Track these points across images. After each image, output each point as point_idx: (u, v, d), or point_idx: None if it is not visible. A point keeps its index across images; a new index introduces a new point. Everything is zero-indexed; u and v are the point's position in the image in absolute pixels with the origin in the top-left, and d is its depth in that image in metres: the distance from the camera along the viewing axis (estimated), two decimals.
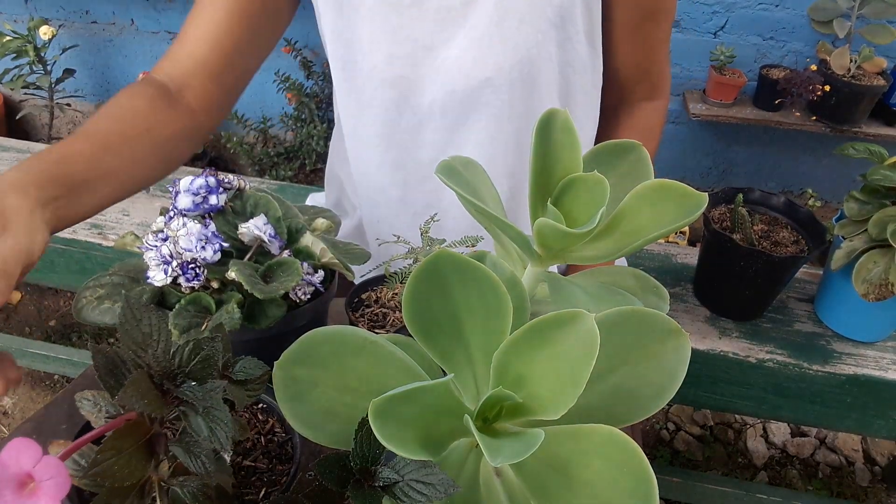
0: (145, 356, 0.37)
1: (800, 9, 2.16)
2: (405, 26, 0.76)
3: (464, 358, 0.41)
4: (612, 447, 0.36)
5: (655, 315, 0.41)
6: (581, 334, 0.35)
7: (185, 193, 0.57)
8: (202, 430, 0.35)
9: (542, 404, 0.37)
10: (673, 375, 0.41)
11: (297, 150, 2.67)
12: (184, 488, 0.38)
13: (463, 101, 0.80)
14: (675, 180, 0.46)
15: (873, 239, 0.85)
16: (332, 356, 0.42)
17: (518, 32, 0.75)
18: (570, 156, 0.48)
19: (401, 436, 0.34)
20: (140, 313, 0.38)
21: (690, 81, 2.36)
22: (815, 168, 2.49)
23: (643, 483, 0.35)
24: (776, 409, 1.00)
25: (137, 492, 0.37)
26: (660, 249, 1.16)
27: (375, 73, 0.79)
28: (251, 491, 0.50)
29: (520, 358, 0.37)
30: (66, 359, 1.67)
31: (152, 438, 0.37)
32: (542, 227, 0.44)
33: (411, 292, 0.40)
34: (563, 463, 0.37)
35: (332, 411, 0.41)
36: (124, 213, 1.14)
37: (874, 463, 1.77)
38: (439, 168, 0.48)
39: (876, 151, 0.89)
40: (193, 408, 0.36)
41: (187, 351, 0.37)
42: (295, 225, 0.62)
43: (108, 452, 0.35)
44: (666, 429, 1.83)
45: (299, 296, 0.60)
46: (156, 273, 0.54)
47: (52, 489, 0.32)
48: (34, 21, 2.36)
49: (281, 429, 0.55)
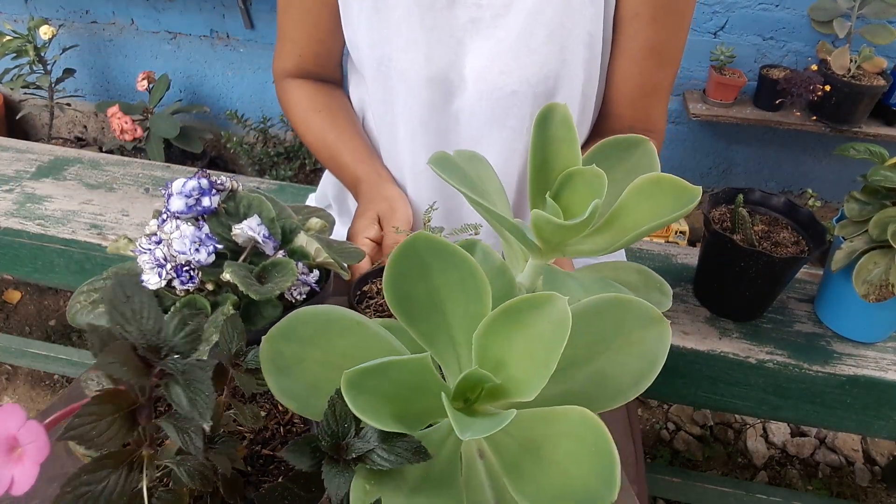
0: (132, 330, 0.36)
1: (800, 9, 2.16)
2: (438, 27, 0.78)
3: (447, 340, 0.42)
4: (582, 429, 0.37)
5: (638, 302, 0.42)
6: (554, 316, 0.36)
7: (177, 196, 0.57)
8: (182, 401, 0.35)
9: (517, 386, 0.37)
10: (653, 361, 0.41)
11: (297, 150, 2.67)
12: (179, 466, 0.38)
13: (487, 111, 0.81)
14: None
15: (874, 240, 0.85)
16: (319, 334, 0.42)
17: (547, 48, 0.76)
18: (568, 150, 0.48)
19: (374, 408, 0.34)
20: (130, 290, 0.37)
21: (690, 81, 2.35)
22: (816, 168, 2.49)
23: (606, 461, 0.35)
24: (776, 409, 0.99)
25: (126, 465, 0.37)
26: (660, 250, 1.15)
27: (412, 72, 0.80)
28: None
29: (497, 340, 0.38)
30: (66, 359, 1.67)
31: (136, 410, 0.37)
32: (538, 220, 0.45)
33: (391, 273, 0.40)
34: (537, 444, 0.38)
35: (317, 387, 0.41)
36: (124, 213, 1.14)
37: (874, 463, 1.77)
38: (432, 159, 0.49)
39: (876, 152, 0.89)
40: (174, 379, 0.35)
41: (173, 326, 0.37)
42: (289, 225, 0.62)
43: (87, 416, 0.34)
44: (666, 429, 1.83)
45: (295, 296, 0.59)
46: (150, 276, 0.54)
47: (34, 452, 0.33)
48: (34, 21, 2.36)
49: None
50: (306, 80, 0.96)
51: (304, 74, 0.96)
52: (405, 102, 0.83)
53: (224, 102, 2.79)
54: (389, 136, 0.90)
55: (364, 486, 0.35)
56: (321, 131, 0.93)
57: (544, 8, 0.75)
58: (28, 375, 1.90)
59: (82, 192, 1.17)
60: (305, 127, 0.94)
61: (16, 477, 0.33)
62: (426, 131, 0.85)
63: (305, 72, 0.95)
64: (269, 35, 2.56)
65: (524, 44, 0.76)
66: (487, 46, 0.78)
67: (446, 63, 0.80)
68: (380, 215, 0.83)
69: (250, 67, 2.68)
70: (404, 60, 0.80)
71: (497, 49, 0.78)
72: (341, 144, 0.91)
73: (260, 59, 2.65)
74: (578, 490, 0.35)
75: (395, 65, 0.81)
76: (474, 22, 0.77)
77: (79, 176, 1.22)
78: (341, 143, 0.91)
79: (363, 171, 0.89)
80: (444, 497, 0.37)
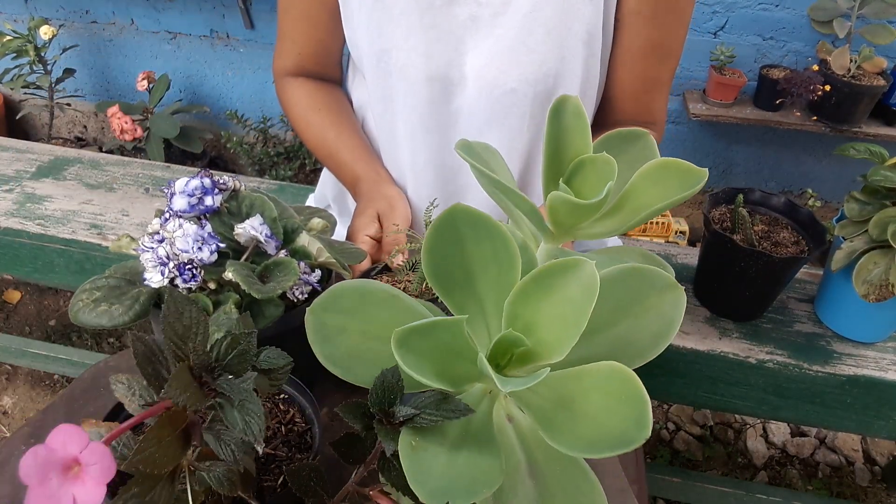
0: (185, 348, 0.38)
1: (800, 9, 2.16)
2: (437, 25, 0.78)
3: (476, 309, 0.44)
4: (611, 381, 0.39)
5: (654, 271, 0.44)
6: (583, 279, 0.39)
7: (180, 195, 0.57)
8: (237, 423, 0.37)
9: (547, 347, 0.40)
10: (670, 325, 0.44)
11: (297, 150, 2.67)
12: (210, 473, 0.40)
13: (486, 109, 0.81)
14: None
15: (874, 240, 0.85)
16: (358, 305, 0.46)
17: (545, 46, 0.76)
18: (580, 139, 0.51)
19: (420, 366, 0.37)
20: (182, 306, 0.39)
21: (690, 81, 2.36)
22: (815, 168, 2.49)
23: (636, 404, 0.37)
24: (776, 409, 0.99)
25: (169, 476, 0.39)
26: (660, 250, 1.16)
27: (411, 70, 0.80)
28: (270, 477, 0.52)
29: (527, 305, 0.40)
30: (66, 359, 1.67)
31: (188, 427, 0.39)
32: (555, 201, 0.47)
33: (429, 245, 0.42)
34: (568, 400, 0.41)
35: (357, 355, 0.44)
36: (124, 213, 1.14)
37: (874, 463, 1.77)
38: (459, 145, 0.50)
39: (876, 152, 0.89)
40: (229, 400, 0.38)
41: (225, 345, 0.39)
42: (291, 225, 0.62)
43: (151, 441, 0.36)
44: (666, 429, 1.83)
45: (297, 295, 0.60)
46: (153, 275, 0.54)
47: (99, 473, 0.33)
48: (34, 21, 2.36)
49: (301, 419, 0.56)
50: (306, 78, 0.96)
51: (303, 73, 0.96)
52: (405, 100, 0.83)
53: (224, 102, 2.79)
54: (389, 134, 0.90)
55: (410, 442, 0.38)
56: (321, 130, 0.93)
57: (543, 6, 0.75)
58: (28, 375, 1.90)
59: (82, 192, 1.17)
60: (305, 125, 0.95)
61: (77, 497, 0.33)
62: (426, 130, 0.85)
63: (305, 70, 0.96)
64: (269, 35, 2.56)
65: (523, 42, 0.76)
66: (487, 45, 0.78)
67: (445, 61, 0.80)
68: (379, 213, 0.84)
69: (250, 67, 2.68)
70: (404, 58, 0.80)
71: (496, 47, 0.78)
72: (340, 143, 0.91)
73: (260, 59, 2.65)
74: (613, 434, 0.37)
75: (395, 63, 0.81)
76: (473, 20, 0.77)
77: (79, 176, 1.22)
78: (340, 141, 0.91)
79: (362, 169, 0.89)
80: (484, 453, 0.39)
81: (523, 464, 0.42)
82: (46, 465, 0.33)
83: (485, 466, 0.39)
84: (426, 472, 0.37)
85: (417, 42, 0.79)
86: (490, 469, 0.38)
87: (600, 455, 0.36)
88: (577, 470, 0.42)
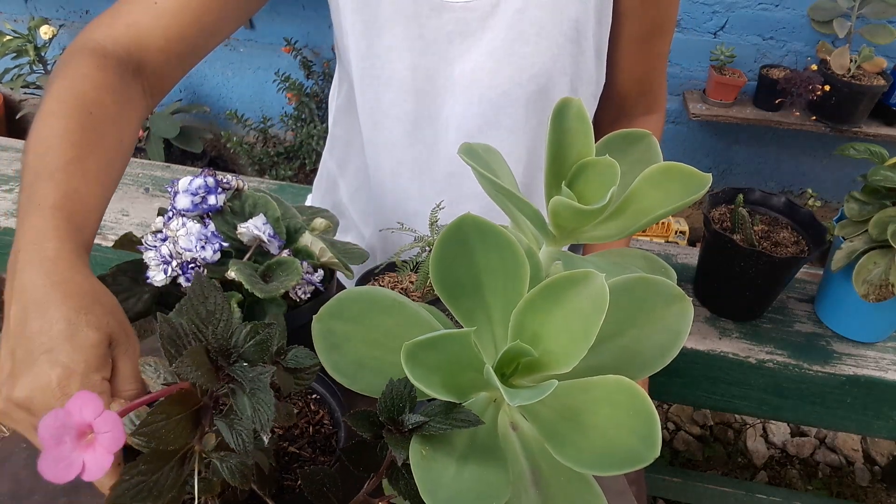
0: (206, 331, 0.39)
1: (800, 9, 2.16)
2: (424, 36, 0.76)
3: (484, 318, 0.44)
4: (619, 394, 0.39)
5: (661, 281, 0.44)
6: (592, 291, 0.38)
7: (183, 194, 0.57)
8: (246, 410, 0.37)
9: (555, 359, 0.40)
10: (676, 337, 0.43)
11: (297, 150, 2.67)
12: (223, 462, 0.40)
13: (480, 115, 0.80)
14: None
15: (874, 240, 0.85)
16: (364, 313, 0.45)
17: (535, 47, 0.75)
18: (583, 141, 0.50)
19: (427, 378, 0.37)
20: (208, 291, 0.39)
21: (690, 81, 2.36)
22: (815, 168, 2.49)
23: (646, 422, 0.37)
24: (776, 409, 1.00)
25: (179, 459, 0.39)
26: (660, 249, 1.16)
27: (394, 82, 0.78)
28: (291, 476, 0.52)
29: (535, 316, 0.40)
30: None
31: (200, 410, 0.39)
32: (557, 205, 0.46)
33: (438, 255, 0.42)
34: (575, 412, 0.40)
35: (363, 364, 0.44)
36: (124, 213, 1.14)
37: (874, 463, 1.77)
38: (462, 149, 0.50)
39: (876, 152, 0.89)
40: (241, 387, 0.38)
41: (244, 333, 0.39)
42: (294, 225, 0.62)
43: (159, 415, 0.37)
44: (666, 429, 1.83)
45: (299, 295, 0.60)
46: (156, 273, 0.54)
47: (109, 441, 0.34)
48: (34, 21, 2.36)
49: (329, 421, 0.57)
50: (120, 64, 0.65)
51: (125, 57, 0.66)
52: (391, 111, 0.81)
53: (224, 102, 2.79)
54: (374, 144, 0.86)
55: (420, 450, 0.38)
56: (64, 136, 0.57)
57: (529, 7, 0.74)
58: None
59: None
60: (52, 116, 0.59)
61: (87, 463, 0.34)
62: (413, 140, 0.82)
63: (133, 54, 0.67)
64: (269, 35, 2.57)
65: (513, 43, 0.76)
66: (475, 51, 0.77)
67: (433, 71, 0.78)
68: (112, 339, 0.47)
69: (250, 67, 2.68)
70: (389, 70, 0.78)
71: (486, 50, 0.76)
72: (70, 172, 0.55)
73: (260, 59, 2.65)
74: (620, 451, 0.37)
75: (380, 72, 0.79)
76: (460, 28, 0.76)
77: None
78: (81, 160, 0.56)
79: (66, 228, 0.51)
80: (491, 464, 0.39)
81: (527, 473, 0.42)
82: (63, 429, 0.34)
83: (492, 478, 0.39)
84: (436, 482, 0.37)
85: (402, 53, 0.77)
86: (498, 481, 0.38)
87: (608, 472, 0.36)
88: (581, 481, 0.42)
